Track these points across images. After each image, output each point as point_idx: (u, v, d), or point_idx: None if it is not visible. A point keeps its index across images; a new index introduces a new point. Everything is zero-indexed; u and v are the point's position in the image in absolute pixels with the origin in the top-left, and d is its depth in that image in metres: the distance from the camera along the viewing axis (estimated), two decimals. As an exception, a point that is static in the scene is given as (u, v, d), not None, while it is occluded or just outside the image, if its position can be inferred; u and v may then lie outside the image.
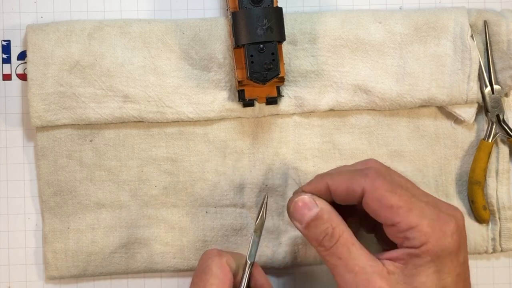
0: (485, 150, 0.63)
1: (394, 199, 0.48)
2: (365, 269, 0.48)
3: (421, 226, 0.47)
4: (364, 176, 0.50)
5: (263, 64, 0.56)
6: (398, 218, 0.48)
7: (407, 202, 0.48)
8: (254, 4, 0.56)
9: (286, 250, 0.62)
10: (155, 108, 0.61)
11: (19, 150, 0.63)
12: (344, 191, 0.50)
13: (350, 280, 0.48)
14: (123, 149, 0.62)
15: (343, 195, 0.51)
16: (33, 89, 0.60)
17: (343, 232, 0.50)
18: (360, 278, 0.48)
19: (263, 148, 0.62)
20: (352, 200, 0.51)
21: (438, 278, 0.48)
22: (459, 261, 0.49)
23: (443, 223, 0.48)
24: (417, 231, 0.47)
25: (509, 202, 0.63)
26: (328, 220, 0.50)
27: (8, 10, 0.63)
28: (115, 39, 0.61)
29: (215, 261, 0.53)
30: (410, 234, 0.48)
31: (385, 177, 0.50)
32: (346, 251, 0.49)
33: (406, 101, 0.62)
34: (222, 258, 0.53)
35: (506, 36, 0.62)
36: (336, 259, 0.50)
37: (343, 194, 0.51)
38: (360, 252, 0.49)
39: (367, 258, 0.49)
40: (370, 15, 0.62)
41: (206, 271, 0.52)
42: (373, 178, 0.49)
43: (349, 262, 0.49)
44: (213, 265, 0.53)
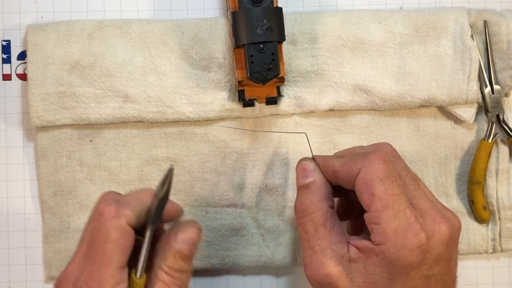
0: (485, 150, 0.63)
1: (378, 189, 0.48)
2: (324, 251, 0.49)
3: (386, 227, 0.47)
4: (365, 157, 0.50)
5: (263, 64, 0.56)
6: (372, 208, 0.48)
7: (389, 197, 0.48)
8: (254, 4, 0.56)
9: (286, 250, 0.62)
10: (155, 108, 0.61)
11: (19, 150, 0.63)
12: (344, 172, 0.51)
13: (307, 255, 0.50)
14: (123, 149, 0.62)
15: (343, 175, 0.51)
16: (33, 89, 0.60)
17: (318, 210, 0.51)
18: (316, 257, 0.50)
19: (263, 148, 0.62)
20: (350, 180, 0.51)
21: (390, 284, 0.48)
22: (418, 274, 0.48)
23: (411, 235, 0.47)
24: (380, 228, 0.47)
25: (509, 202, 0.63)
26: (312, 193, 0.52)
27: (8, 10, 0.63)
28: (115, 39, 0.61)
29: (114, 224, 0.47)
30: (374, 228, 0.48)
31: (386, 163, 0.49)
32: (313, 228, 0.51)
33: (406, 101, 0.62)
34: (121, 219, 0.47)
35: (506, 36, 0.62)
36: (302, 231, 0.52)
37: (343, 174, 0.51)
38: (328, 234, 0.50)
39: (333, 241, 0.50)
40: (370, 15, 0.62)
41: (105, 238, 0.46)
42: (371, 160, 0.49)
43: (312, 239, 0.51)
44: (113, 230, 0.47)
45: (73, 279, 0.47)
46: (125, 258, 0.47)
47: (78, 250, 0.48)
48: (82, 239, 0.48)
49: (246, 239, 0.63)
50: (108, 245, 0.46)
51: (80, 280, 0.46)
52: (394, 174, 0.49)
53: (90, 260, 0.46)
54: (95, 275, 0.46)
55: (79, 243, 0.48)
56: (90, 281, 0.46)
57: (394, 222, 0.47)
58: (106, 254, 0.46)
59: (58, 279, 0.48)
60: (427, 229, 0.48)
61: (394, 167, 0.50)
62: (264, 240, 0.63)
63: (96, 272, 0.46)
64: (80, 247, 0.48)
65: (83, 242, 0.48)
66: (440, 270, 0.48)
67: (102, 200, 0.49)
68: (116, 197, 0.49)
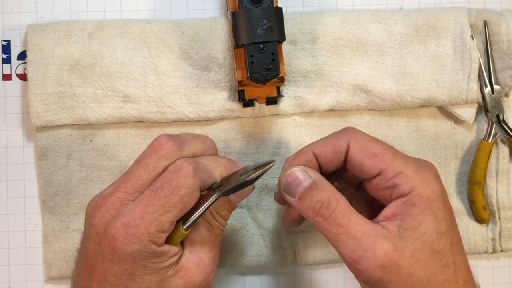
0: (485, 150, 0.63)
1: (377, 147, 0.49)
2: (368, 233, 0.47)
3: (407, 171, 0.48)
4: (346, 131, 0.51)
5: (263, 64, 0.55)
6: (384, 165, 0.48)
7: (390, 150, 0.49)
8: (254, 4, 0.56)
9: (286, 250, 0.62)
10: (155, 108, 0.61)
11: (19, 150, 0.63)
12: (330, 151, 0.50)
13: (355, 246, 0.47)
14: (123, 149, 0.62)
15: (330, 156, 0.51)
16: (33, 89, 0.60)
17: (340, 199, 0.48)
18: (365, 242, 0.47)
19: (263, 148, 0.63)
20: (338, 160, 0.50)
21: (437, 224, 0.47)
22: (447, 206, 0.49)
23: (425, 170, 0.49)
24: (404, 176, 0.48)
25: (509, 202, 0.64)
26: (323, 189, 0.49)
27: (8, 10, 0.63)
28: (115, 39, 0.61)
29: (188, 182, 0.48)
30: (398, 180, 0.48)
31: (364, 132, 0.51)
32: (346, 217, 0.48)
33: (406, 101, 0.62)
34: (196, 181, 0.49)
35: (506, 36, 0.62)
36: (336, 227, 0.48)
37: (329, 155, 0.51)
38: (359, 218, 0.48)
39: (367, 222, 0.48)
40: (370, 15, 0.62)
41: (174, 190, 0.48)
42: (354, 131, 0.51)
43: (351, 229, 0.47)
44: (184, 186, 0.48)
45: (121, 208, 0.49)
46: (181, 213, 0.49)
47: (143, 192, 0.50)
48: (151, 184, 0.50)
49: (246, 239, 0.63)
50: (173, 197, 0.48)
51: (130, 213, 0.48)
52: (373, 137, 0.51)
53: (149, 202, 0.48)
54: (148, 216, 0.47)
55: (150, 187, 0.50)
56: (140, 219, 0.47)
57: (408, 165, 0.48)
58: (168, 204, 0.48)
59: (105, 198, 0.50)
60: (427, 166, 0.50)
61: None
62: (264, 240, 0.63)
63: (151, 214, 0.47)
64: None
65: (150, 185, 0.50)
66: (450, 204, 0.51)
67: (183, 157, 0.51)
68: (195, 160, 0.50)
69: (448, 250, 0.48)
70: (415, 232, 0.47)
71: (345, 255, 0.48)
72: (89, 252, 0.50)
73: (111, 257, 0.48)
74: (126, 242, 0.47)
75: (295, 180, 0.49)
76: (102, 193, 0.51)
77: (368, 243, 0.47)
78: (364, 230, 0.47)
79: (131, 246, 0.47)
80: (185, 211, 0.49)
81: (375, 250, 0.46)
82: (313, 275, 0.65)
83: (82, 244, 0.52)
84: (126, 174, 0.51)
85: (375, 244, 0.46)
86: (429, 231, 0.47)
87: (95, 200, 0.51)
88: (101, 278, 0.49)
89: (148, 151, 0.51)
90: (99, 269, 0.49)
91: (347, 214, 0.48)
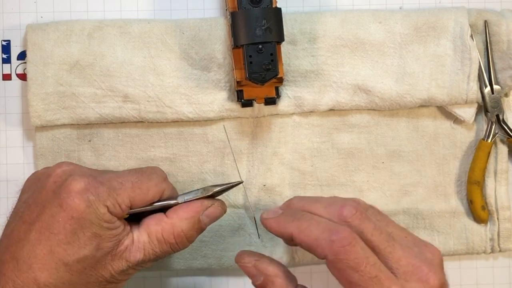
0: (484, 150, 0.63)
1: (354, 277, 0.46)
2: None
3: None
4: (331, 243, 0.46)
5: (262, 64, 0.55)
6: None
7: (366, 282, 0.45)
8: (253, 4, 0.56)
9: (283, 250, 0.62)
10: (154, 108, 0.61)
11: (18, 150, 0.63)
12: (307, 246, 0.48)
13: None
14: (122, 149, 0.62)
15: (306, 248, 0.49)
16: (32, 89, 0.60)
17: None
18: None
19: (262, 148, 0.62)
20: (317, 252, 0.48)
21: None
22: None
23: None
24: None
25: (507, 202, 0.63)
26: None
27: (8, 10, 0.63)
28: (115, 39, 0.61)
29: (164, 178, 0.55)
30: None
31: (356, 242, 0.46)
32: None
33: (406, 101, 0.62)
34: (167, 184, 0.55)
35: (506, 36, 0.62)
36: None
37: (306, 247, 0.48)
38: None
39: None
40: (370, 15, 0.62)
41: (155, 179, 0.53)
42: (339, 246, 0.46)
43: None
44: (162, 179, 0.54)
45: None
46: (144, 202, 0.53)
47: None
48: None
49: (244, 239, 0.63)
50: (151, 184, 0.53)
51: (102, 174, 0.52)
52: (364, 252, 0.46)
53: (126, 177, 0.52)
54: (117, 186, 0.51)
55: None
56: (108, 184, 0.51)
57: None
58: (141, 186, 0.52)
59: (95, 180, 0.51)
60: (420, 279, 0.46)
61: (365, 236, 0.47)
62: (262, 240, 0.63)
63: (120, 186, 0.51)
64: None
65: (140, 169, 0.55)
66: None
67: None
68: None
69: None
70: None
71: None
72: (37, 201, 0.51)
73: (62, 203, 0.49)
74: (84, 197, 0.49)
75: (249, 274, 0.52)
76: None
77: None
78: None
79: (87, 202, 0.49)
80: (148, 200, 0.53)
81: None
82: (313, 275, 0.65)
83: (23, 199, 0.53)
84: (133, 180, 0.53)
85: None
86: None
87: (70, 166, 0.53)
88: (43, 226, 0.49)
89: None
90: (45, 216, 0.49)
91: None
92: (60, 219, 0.49)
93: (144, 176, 0.53)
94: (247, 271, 0.52)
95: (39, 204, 0.50)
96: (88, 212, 0.49)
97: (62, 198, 0.49)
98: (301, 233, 0.48)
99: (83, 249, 0.49)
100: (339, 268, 0.46)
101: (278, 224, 0.51)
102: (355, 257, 0.45)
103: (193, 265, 0.62)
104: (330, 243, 0.46)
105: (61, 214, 0.49)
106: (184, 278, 0.64)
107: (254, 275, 0.51)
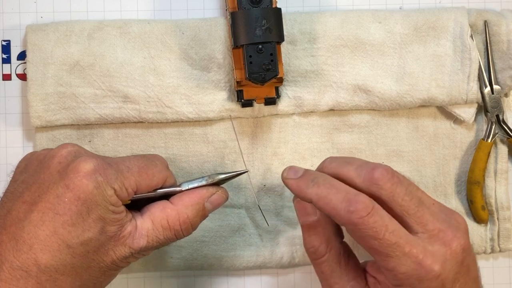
0: (484, 150, 0.63)
1: (374, 244, 0.46)
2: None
3: (399, 269, 0.46)
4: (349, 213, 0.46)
5: (262, 64, 0.55)
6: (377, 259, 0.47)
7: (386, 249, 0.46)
8: (253, 4, 0.56)
9: (284, 250, 0.62)
10: (154, 109, 0.61)
11: (19, 150, 0.63)
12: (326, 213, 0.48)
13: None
14: (122, 149, 0.62)
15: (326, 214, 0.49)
16: (32, 89, 0.60)
17: (331, 250, 0.51)
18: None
19: (262, 148, 0.62)
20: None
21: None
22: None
23: (424, 273, 0.46)
24: (394, 274, 0.46)
25: (507, 202, 0.63)
26: (320, 233, 0.51)
27: (8, 10, 0.63)
28: (115, 39, 0.61)
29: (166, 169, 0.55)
30: (388, 274, 0.47)
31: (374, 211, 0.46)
32: (328, 269, 0.51)
33: (406, 101, 0.62)
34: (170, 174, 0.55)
35: (506, 36, 0.62)
36: (318, 271, 0.52)
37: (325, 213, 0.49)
38: (344, 272, 0.50)
39: (350, 277, 0.50)
40: (370, 15, 0.62)
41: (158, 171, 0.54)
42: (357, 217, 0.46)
43: (329, 279, 0.51)
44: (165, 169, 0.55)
45: None
46: (149, 187, 0.52)
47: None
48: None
49: (244, 240, 0.63)
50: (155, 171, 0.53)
51: (111, 158, 0.52)
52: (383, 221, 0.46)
53: (133, 162, 0.52)
54: (124, 169, 0.51)
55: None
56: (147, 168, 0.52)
57: (403, 266, 0.46)
58: (148, 171, 0.52)
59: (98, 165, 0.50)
60: (439, 255, 0.46)
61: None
62: (262, 240, 0.63)
63: (128, 169, 0.51)
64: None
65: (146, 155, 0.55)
66: (460, 285, 0.47)
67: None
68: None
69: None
70: None
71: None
72: (39, 181, 0.49)
73: (69, 184, 0.48)
74: (92, 177, 0.48)
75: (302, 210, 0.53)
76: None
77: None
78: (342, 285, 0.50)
79: (95, 183, 0.48)
80: (153, 186, 0.52)
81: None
82: (313, 276, 0.65)
83: (22, 179, 0.51)
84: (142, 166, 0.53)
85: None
86: None
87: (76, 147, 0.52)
88: (47, 206, 0.48)
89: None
90: (49, 196, 0.48)
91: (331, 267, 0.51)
92: (66, 199, 0.48)
93: (149, 162, 0.53)
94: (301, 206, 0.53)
95: (41, 184, 0.49)
96: (95, 194, 0.48)
97: (69, 178, 0.48)
98: (320, 200, 0.48)
99: (88, 231, 0.48)
100: (358, 236, 0.47)
101: (298, 186, 0.51)
102: (373, 227, 0.46)
103: (193, 265, 0.62)
104: (348, 213, 0.46)
105: (67, 195, 0.48)
106: (184, 278, 0.64)
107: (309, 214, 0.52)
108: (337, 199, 0.47)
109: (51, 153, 0.51)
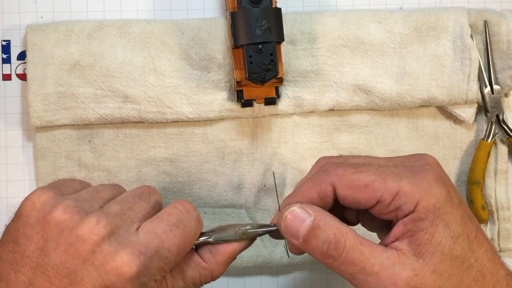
0: (484, 150, 0.63)
1: (364, 177, 0.45)
2: (385, 265, 0.44)
3: (404, 189, 0.44)
4: (325, 172, 0.47)
5: (262, 64, 0.55)
6: (378, 193, 0.45)
7: (377, 172, 0.45)
8: (253, 4, 0.56)
9: (283, 250, 0.62)
10: (154, 108, 0.61)
11: (18, 150, 0.63)
12: (316, 198, 0.47)
13: (375, 283, 0.44)
14: (122, 149, 0.62)
15: (317, 202, 0.47)
16: (32, 89, 0.60)
17: (347, 234, 0.45)
18: (384, 276, 0.44)
19: (262, 148, 0.63)
20: (327, 203, 0.47)
21: (449, 230, 0.44)
22: (455, 204, 0.45)
23: (422, 176, 0.45)
24: (402, 195, 0.44)
25: (507, 202, 0.63)
26: (327, 227, 0.45)
27: (8, 10, 0.63)
28: (115, 39, 0.61)
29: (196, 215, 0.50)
30: (397, 202, 0.44)
31: (343, 164, 0.47)
32: (357, 253, 0.44)
33: (406, 101, 0.62)
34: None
35: (506, 36, 0.62)
36: (351, 266, 0.45)
37: (316, 201, 0.47)
38: (372, 248, 0.45)
39: (379, 251, 0.45)
40: (370, 15, 0.62)
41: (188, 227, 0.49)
42: (333, 167, 0.46)
43: (366, 264, 0.44)
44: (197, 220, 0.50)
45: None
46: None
47: None
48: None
49: (244, 240, 0.63)
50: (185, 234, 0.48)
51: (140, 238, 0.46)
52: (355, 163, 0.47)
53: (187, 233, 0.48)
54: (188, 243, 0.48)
55: None
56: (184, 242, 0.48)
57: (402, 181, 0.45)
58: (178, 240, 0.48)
59: None
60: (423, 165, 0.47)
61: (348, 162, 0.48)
62: (262, 240, 0.63)
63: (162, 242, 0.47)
64: None
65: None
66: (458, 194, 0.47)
67: None
68: None
69: (468, 250, 0.45)
70: (430, 246, 0.44)
71: None
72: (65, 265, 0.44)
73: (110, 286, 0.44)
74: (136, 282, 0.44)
75: (295, 220, 0.46)
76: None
77: (388, 277, 0.44)
78: (380, 262, 0.44)
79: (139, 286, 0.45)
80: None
81: (396, 283, 0.43)
82: (313, 276, 0.65)
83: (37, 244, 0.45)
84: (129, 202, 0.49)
85: (394, 276, 0.44)
86: (443, 239, 0.44)
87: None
88: None
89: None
90: None
91: (359, 249, 0.44)
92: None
93: (186, 230, 0.48)
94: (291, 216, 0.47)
95: (69, 269, 0.44)
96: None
97: (109, 280, 0.43)
98: (302, 189, 0.48)
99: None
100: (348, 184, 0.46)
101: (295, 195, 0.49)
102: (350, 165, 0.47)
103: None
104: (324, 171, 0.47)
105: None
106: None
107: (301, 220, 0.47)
108: None
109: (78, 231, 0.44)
